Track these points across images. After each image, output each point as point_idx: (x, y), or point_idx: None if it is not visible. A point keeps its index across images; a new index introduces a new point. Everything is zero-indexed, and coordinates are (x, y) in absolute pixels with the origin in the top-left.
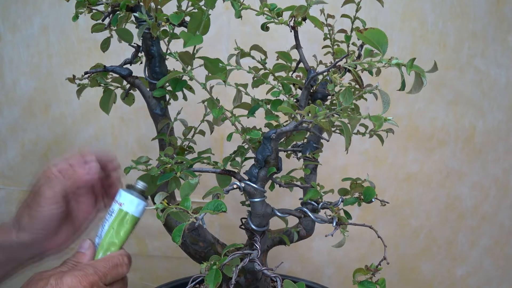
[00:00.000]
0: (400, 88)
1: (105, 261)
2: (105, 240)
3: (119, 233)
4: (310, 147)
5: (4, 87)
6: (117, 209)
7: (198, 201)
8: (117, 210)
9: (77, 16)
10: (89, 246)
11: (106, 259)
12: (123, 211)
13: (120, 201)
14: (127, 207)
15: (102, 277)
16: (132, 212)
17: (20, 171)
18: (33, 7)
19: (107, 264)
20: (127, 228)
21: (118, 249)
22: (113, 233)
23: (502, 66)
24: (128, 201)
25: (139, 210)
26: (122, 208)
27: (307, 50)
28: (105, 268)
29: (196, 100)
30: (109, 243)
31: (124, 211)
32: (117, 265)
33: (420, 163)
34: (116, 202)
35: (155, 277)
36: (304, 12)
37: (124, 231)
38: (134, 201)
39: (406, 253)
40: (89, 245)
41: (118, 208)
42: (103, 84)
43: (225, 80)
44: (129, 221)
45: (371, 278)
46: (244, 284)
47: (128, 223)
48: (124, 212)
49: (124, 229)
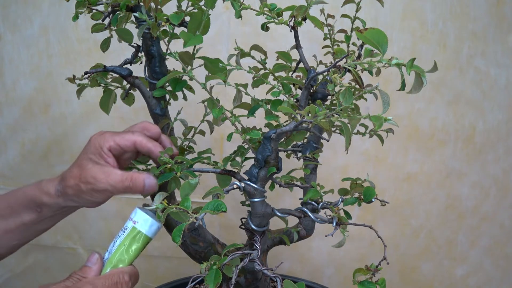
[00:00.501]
0: (400, 88)
1: (104, 279)
2: (115, 256)
3: (129, 251)
4: (310, 147)
5: (4, 87)
6: (131, 227)
7: (198, 201)
8: (130, 228)
9: (77, 16)
10: (97, 261)
11: (106, 277)
12: (137, 229)
13: (134, 219)
14: (140, 225)
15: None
16: (145, 231)
17: (20, 171)
18: (33, 7)
19: (106, 281)
20: (138, 246)
21: (126, 266)
22: (123, 250)
23: (502, 66)
24: (143, 220)
25: (153, 230)
26: (135, 226)
27: (307, 50)
28: (103, 286)
29: (196, 100)
30: (118, 259)
31: (138, 230)
32: (117, 283)
33: (420, 163)
34: (131, 220)
35: (155, 277)
36: (304, 12)
37: (134, 249)
38: (148, 221)
39: (406, 253)
40: (96, 259)
41: (132, 225)
42: (103, 84)
43: (225, 80)
44: (141, 240)
45: (371, 278)
46: (244, 284)
47: (139, 241)
48: (137, 230)
49: (134, 247)
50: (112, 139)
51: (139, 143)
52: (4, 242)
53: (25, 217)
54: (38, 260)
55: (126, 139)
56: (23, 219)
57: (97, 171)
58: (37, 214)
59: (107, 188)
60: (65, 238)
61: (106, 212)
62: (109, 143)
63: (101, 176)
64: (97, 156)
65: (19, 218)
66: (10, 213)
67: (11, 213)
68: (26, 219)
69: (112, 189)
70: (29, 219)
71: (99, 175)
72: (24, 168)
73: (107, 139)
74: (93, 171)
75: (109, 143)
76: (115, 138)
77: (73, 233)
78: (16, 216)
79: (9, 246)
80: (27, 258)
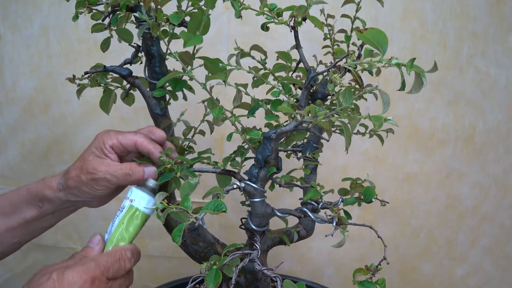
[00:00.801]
0: (400, 88)
1: (107, 256)
2: (115, 235)
3: (128, 229)
4: (310, 147)
5: (4, 87)
6: (128, 205)
7: (198, 201)
8: (127, 206)
9: (77, 16)
10: (99, 241)
11: (109, 254)
12: (134, 207)
13: (131, 198)
14: (137, 203)
15: (104, 271)
16: (142, 208)
17: (20, 171)
18: (33, 7)
19: (110, 258)
20: (137, 223)
21: (127, 244)
22: (123, 228)
23: (502, 66)
24: (139, 198)
25: (149, 207)
26: (132, 204)
27: (307, 50)
28: (107, 263)
29: (196, 100)
30: (118, 238)
31: (135, 207)
32: (120, 259)
33: (420, 163)
34: (127, 199)
35: (155, 277)
36: (304, 12)
37: (133, 227)
38: (145, 198)
39: (406, 253)
40: (98, 240)
41: (129, 204)
42: (103, 84)
43: (225, 80)
44: (139, 217)
45: (371, 278)
46: (244, 284)
47: (138, 219)
48: (134, 208)
49: (133, 224)
50: (116, 137)
51: (139, 143)
52: (6, 240)
53: (27, 214)
54: (38, 260)
55: (128, 138)
56: (25, 216)
57: (98, 163)
58: (39, 210)
59: (106, 176)
60: (65, 238)
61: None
62: (112, 141)
63: (101, 167)
64: (100, 151)
65: (21, 215)
66: (13, 210)
67: (13, 211)
68: (27, 216)
69: (111, 177)
70: (30, 216)
71: (99, 166)
72: (24, 168)
73: (111, 136)
74: (94, 163)
75: (112, 140)
76: (118, 136)
77: (73, 233)
78: (18, 213)
79: (11, 244)
80: (27, 258)
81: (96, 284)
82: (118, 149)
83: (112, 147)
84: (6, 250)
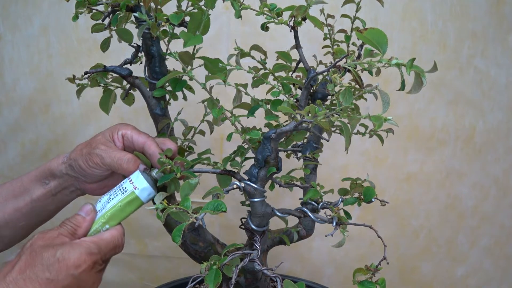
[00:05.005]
0: (400, 88)
1: (107, 242)
2: (108, 212)
3: (123, 211)
4: (310, 147)
5: (4, 87)
6: (131, 191)
7: (198, 201)
8: (130, 191)
9: (77, 16)
10: (90, 211)
11: (109, 241)
12: (136, 194)
13: (135, 184)
14: (140, 192)
15: (103, 256)
16: (142, 198)
17: (20, 171)
18: (33, 7)
19: (109, 245)
20: (132, 209)
21: (116, 224)
22: (118, 209)
23: (502, 66)
24: (143, 187)
25: (149, 198)
26: (135, 191)
27: (307, 50)
28: (107, 249)
29: (196, 100)
30: (111, 216)
31: (136, 195)
32: (116, 246)
33: (420, 163)
34: (132, 183)
35: (155, 277)
36: (304, 12)
37: (128, 211)
38: (148, 189)
39: (406, 253)
40: (90, 210)
41: (132, 190)
42: (103, 84)
43: (225, 80)
44: (136, 205)
45: (371, 278)
46: (244, 284)
47: (134, 205)
48: (136, 196)
49: (129, 209)
50: (130, 129)
51: (148, 145)
52: (12, 223)
53: (33, 193)
54: None
55: (140, 135)
56: (31, 195)
57: (102, 142)
58: (44, 188)
59: (102, 154)
60: None
61: None
62: (125, 131)
63: (103, 146)
64: (110, 134)
65: (28, 194)
66: (22, 191)
67: (22, 192)
68: (34, 195)
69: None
70: (36, 195)
71: (101, 144)
72: (24, 168)
73: (127, 127)
74: (99, 140)
75: (126, 130)
76: (133, 130)
77: None
78: (26, 194)
79: (17, 228)
80: None
81: (95, 268)
82: (127, 141)
83: (123, 136)
84: (13, 236)
